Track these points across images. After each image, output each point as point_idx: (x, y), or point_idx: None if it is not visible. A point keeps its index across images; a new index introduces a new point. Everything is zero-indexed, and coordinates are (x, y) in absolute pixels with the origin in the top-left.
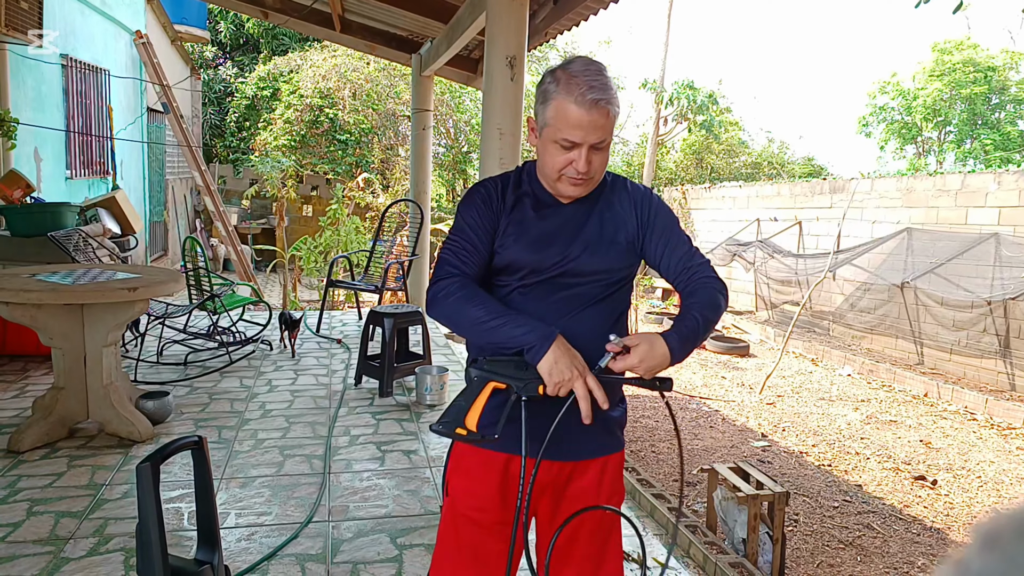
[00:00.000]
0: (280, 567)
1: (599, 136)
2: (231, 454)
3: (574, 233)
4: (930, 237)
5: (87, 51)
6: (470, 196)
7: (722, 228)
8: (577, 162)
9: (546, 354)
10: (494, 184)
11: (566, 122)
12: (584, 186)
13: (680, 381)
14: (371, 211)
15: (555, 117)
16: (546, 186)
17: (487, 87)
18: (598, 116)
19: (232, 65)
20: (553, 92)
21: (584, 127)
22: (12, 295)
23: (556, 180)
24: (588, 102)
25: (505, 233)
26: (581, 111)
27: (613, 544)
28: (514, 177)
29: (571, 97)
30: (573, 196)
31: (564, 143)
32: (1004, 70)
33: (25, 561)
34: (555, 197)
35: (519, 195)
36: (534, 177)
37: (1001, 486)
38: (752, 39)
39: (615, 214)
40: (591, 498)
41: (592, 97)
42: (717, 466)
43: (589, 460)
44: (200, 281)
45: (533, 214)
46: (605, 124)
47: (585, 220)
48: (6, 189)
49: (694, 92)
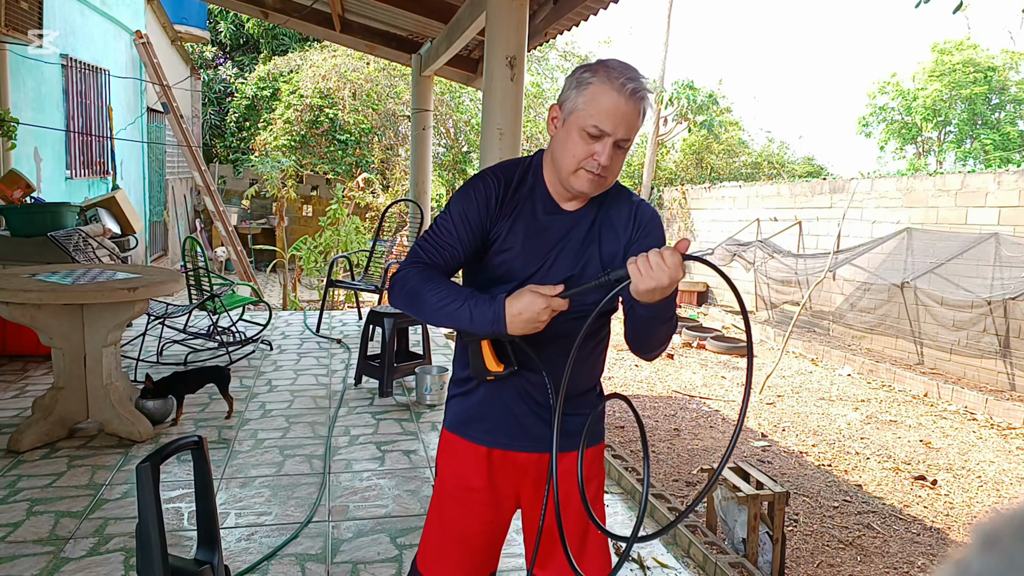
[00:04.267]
0: (280, 567)
1: (627, 131)
2: (231, 454)
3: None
4: (930, 237)
5: (87, 51)
6: (467, 189)
7: (722, 228)
8: (600, 154)
9: (507, 323)
10: (496, 183)
11: (600, 108)
12: (599, 183)
13: (680, 381)
14: (371, 211)
15: (590, 102)
16: (555, 182)
17: (487, 87)
18: (633, 108)
19: (232, 65)
20: (590, 79)
21: (618, 116)
22: (12, 295)
23: (572, 172)
24: (628, 91)
25: (500, 242)
26: (620, 99)
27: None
28: (520, 174)
29: (612, 84)
30: (584, 193)
31: (592, 130)
32: (1004, 70)
33: (25, 561)
34: (556, 203)
35: (520, 197)
36: (541, 175)
37: (1001, 486)
38: (752, 39)
39: (612, 231)
40: (572, 480)
41: (632, 87)
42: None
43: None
44: (200, 281)
45: (533, 223)
46: (635, 123)
47: (582, 238)
48: (6, 189)
49: (694, 92)
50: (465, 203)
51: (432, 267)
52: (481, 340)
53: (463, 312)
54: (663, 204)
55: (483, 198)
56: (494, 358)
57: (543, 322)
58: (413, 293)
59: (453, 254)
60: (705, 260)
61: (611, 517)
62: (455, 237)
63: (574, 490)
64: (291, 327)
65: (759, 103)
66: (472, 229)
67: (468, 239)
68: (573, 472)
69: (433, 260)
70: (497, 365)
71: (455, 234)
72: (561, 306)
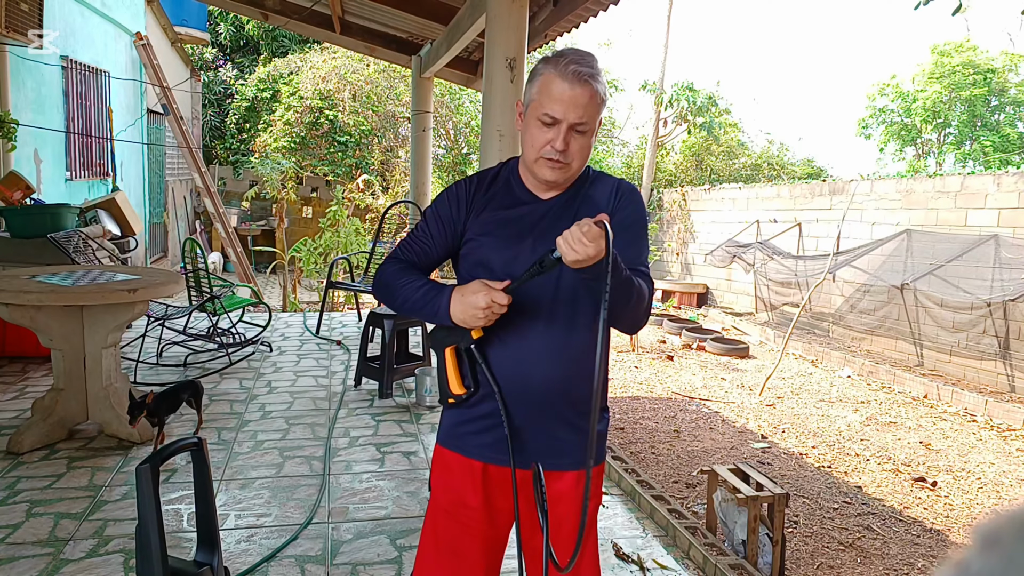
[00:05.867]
0: (280, 568)
1: (580, 115)
2: (231, 455)
3: (548, 229)
4: (930, 239)
5: (87, 52)
6: (443, 195)
7: (722, 230)
8: (555, 140)
9: (450, 308)
10: (468, 183)
11: (549, 96)
12: (561, 170)
13: (680, 383)
14: (371, 213)
15: (539, 92)
16: (526, 174)
17: (487, 89)
18: (581, 92)
19: (232, 67)
20: (542, 70)
21: (565, 101)
22: (12, 296)
23: (534, 162)
24: (571, 74)
25: (474, 232)
26: (564, 84)
27: (591, 540)
28: (493, 173)
29: (556, 71)
30: (550, 180)
31: (545, 119)
32: (1003, 72)
33: (25, 562)
34: (533, 193)
35: (494, 192)
36: (515, 172)
37: (1001, 487)
38: (751, 41)
39: (593, 206)
40: (571, 499)
41: (575, 70)
42: (717, 467)
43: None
44: (200, 282)
45: (506, 211)
46: (587, 104)
47: (559, 216)
48: (6, 191)
49: (694, 94)
50: (439, 204)
51: (407, 263)
52: (445, 348)
53: (423, 299)
54: (663, 206)
55: (455, 198)
56: (457, 378)
57: (483, 310)
58: (387, 285)
59: (427, 250)
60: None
61: (610, 519)
62: (429, 235)
63: (573, 511)
64: (291, 329)
65: (759, 105)
66: (444, 226)
67: (440, 235)
68: (573, 493)
69: (408, 257)
70: (459, 387)
71: (429, 232)
72: (502, 299)
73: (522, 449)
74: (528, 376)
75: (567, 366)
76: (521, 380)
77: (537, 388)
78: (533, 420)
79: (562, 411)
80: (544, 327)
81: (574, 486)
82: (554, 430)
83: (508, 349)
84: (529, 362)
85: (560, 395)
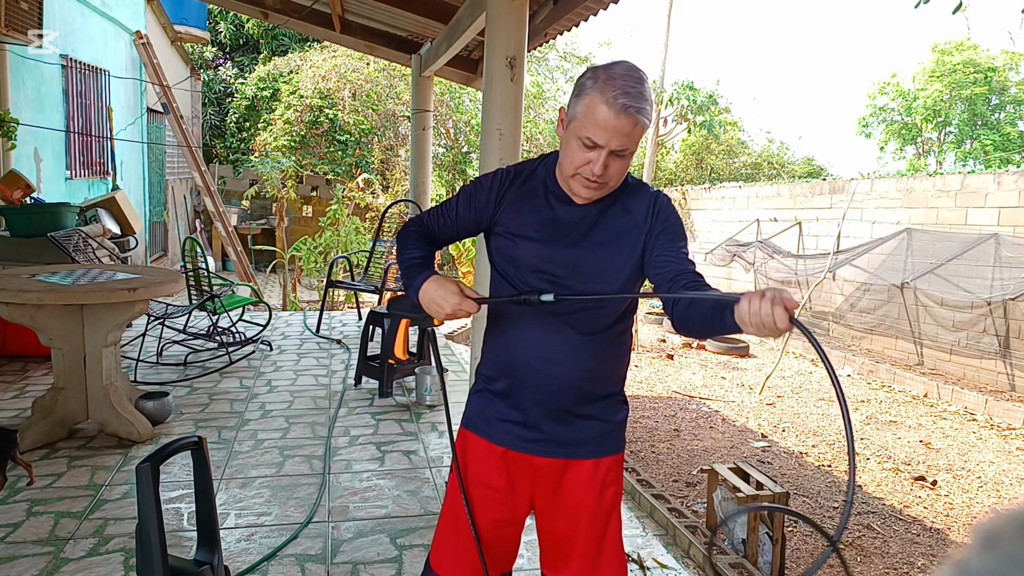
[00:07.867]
0: (280, 567)
1: (622, 143)
2: (231, 454)
3: (582, 236)
4: (930, 237)
5: (87, 51)
6: (482, 179)
7: (722, 229)
8: (594, 164)
9: (419, 290)
10: (505, 176)
11: (592, 121)
12: (596, 191)
13: (680, 382)
14: (371, 211)
15: (584, 114)
16: (561, 182)
17: (487, 88)
18: (625, 123)
19: (232, 66)
20: (588, 89)
21: (609, 130)
22: (12, 295)
23: (570, 177)
24: (619, 107)
25: (508, 230)
26: (610, 114)
27: (612, 529)
28: (531, 169)
29: (603, 97)
30: (584, 198)
31: (586, 141)
32: (1004, 71)
33: (25, 561)
34: (569, 196)
35: (528, 190)
36: (552, 171)
37: (1001, 486)
38: (751, 40)
39: (629, 218)
40: (586, 487)
41: (623, 103)
42: (717, 466)
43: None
44: (200, 281)
45: (540, 213)
46: (631, 133)
47: (595, 223)
48: (6, 189)
49: (694, 93)
50: (475, 188)
51: (427, 230)
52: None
53: (408, 271)
54: None
55: (489, 188)
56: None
57: (446, 311)
58: (400, 243)
59: (448, 227)
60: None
61: None
62: (456, 214)
63: (591, 497)
64: (291, 327)
65: (759, 103)
66: (473, 210)
67: (466, 218)
68: (590, 479)
69: (430, 225)
70: (404, 353)
71: (457, 211)
72: (471, 308)
73: (542, 439)
74: (550, 370)
75: (589, 364)
76: (543, 374)
77: (558, 382)
78: (552, 411)
79: (581, 404)
80: (568, 324)
81: (592, 473)
82: (572, 421)
83: (530, 343)
84: (551, 359)
85: (580, 391)
